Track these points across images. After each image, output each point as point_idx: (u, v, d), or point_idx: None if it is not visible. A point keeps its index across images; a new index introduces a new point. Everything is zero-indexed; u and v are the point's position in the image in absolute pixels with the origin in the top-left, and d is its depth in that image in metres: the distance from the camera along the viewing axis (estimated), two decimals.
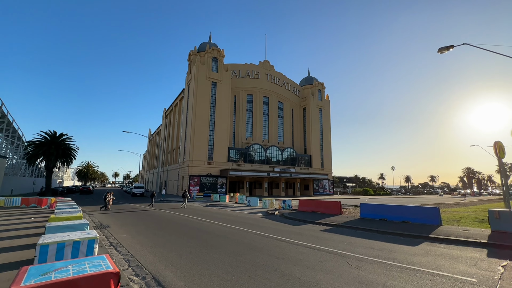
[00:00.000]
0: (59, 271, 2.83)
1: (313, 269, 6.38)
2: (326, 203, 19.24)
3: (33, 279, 2.62)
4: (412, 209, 14.15)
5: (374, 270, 6.31)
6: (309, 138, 65.08)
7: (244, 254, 7.80)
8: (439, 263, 6.89)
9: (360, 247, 8.91)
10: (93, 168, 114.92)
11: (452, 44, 12.53)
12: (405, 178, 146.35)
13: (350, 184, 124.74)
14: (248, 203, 28.06)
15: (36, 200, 23.65)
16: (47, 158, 44.57)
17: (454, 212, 19.42)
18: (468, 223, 13.52)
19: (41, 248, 4.41)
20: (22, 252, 7.62)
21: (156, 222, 14.79)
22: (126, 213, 19.48)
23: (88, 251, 4.92)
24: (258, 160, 55.03)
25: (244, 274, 5.96)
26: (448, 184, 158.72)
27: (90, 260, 3.28)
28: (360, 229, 12.54)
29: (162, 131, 77.99)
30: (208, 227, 13.10)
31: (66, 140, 48.44)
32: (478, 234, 10.26)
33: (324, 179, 62.77)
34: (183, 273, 6.00)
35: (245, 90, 58.84)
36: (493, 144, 9.66)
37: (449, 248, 8.70)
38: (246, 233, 11.34)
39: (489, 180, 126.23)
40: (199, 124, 47.94)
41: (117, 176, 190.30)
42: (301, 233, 11.67)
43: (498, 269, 6.43)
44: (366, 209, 16.07)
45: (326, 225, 13.90)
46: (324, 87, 70.85)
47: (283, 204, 22.78)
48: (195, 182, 44.67)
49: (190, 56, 54.82)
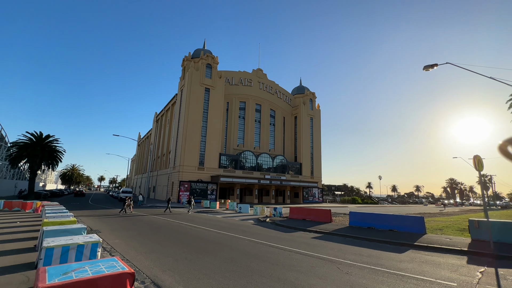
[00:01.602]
0: (78, 271, 3.01)
1: (307, 274, 6.68)
2: (316, 211, 19.64)
3: (56, 278, 2.79)
4: (398, 218, 14.73)
5: (363, 276, 6.67)
6: (300, 146, 66.00)
7: (239, 259, 8.00)
8: (423, 269, 7.33)
9: (350, 253, 9.28)
10: (78, 171, 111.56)
11: (436, 62, 13.47)
12: (392, 188, 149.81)
13: (339, 192, 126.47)
14: (239, 210, 28.11)
15: (20, 203, 22.88)
16: (32, 160, 43.18)
17: (437, 221, 20.23)
18: (451, 232, 14.20)
19: (46, 251, 4.52)
20: (16, 257, 7.53)
21: (148, 227, 14.71)
22: (115, 218, 19.19)
23: (91, 255, 5.04)
24: (249, 167, 55.22)
25: (241, 279, 6.18)
26: (433, 194, 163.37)
27: (103, 262, 3.46)
28: (350, 236, 12.95)
29: (153, 135, 77.10)
30: (201, 233, 13.18)
31: (53, 142, 47.15)
32: (459, 243, 10.86)
33: (314, 187, 63.49)
34: (181, 278, 6.15)
35: (238, 97, 59.40)
36: (473, 157, 10.36)
37: (432, 255, 9.20)
38: (239, 240, 11.52)
39: (471, 191, 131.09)
40: (191, 130, 47.86)
41: (103, 180, 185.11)
42: (293, 240, 11.95)
43: (476, 274, 6.93)
44: (355, 217, 16.56)
45: (317, 233, 14.24)
46: (315, 97, 72.41)
47: (274, 211, 23.03)
48: (185, 188, 44.27)
49: (184, 62, 55.05)
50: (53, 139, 47.18)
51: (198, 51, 54.37)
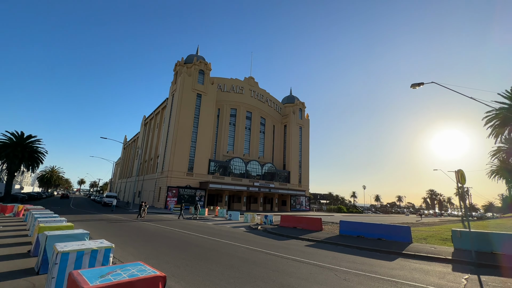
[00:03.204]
0: (113, 274, 3.16)
1: (307, 280, 6.97)
2: (307, 219, 20.04)
3: (96, 280, 2.94)
4: (386, 228, 15.37)
5: (360, 282, 7.05)
6: (289, 155, 66.87)
7: (239, 266, 8.18)
8: (414, 276, 7.82)
9: (344, 261, 9.67)
10: (57, 173, 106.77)
11: (423, 81, 14.48)
12: (375, 197, 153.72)
13: (324, 201, 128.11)
14: (229, 217, 28.05)
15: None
16: (11, 161, 41.21)
17: (421, 231, 21.15)
18: (434, 241, 14.98)
19: (62, 256, 4.56)
20: (12, 262, 7.34)
21: (140, 234, 14.51)
22: (104, 223, 18.70)
23: (104, 260, 5.10)
24: (238, 174, 55.21)
25: (246, 285, 6.38)
26: (413, 204, 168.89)
27: (132, 266, 3.61)
28: (341, 245, 13.39)
29: (140, 139, 75.58)
30: (196, 240, 13.18)
31: (34, 142, 45.37)
32: (444, 251, 11.54)
33: (301, 195, 64.21)
34: (187, 284, 6.27)
35: (229, 104, 59.75)
36: (455, 172, 11.15)
37: (420, 263, 9.76)
38: (235, 247, 11.65)
39: (449, 202, 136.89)
40: (181, 135, 47.49)
41: (83, 184, 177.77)
42: (287, 247, 12.22)
43: (461, 281, 7.49)
44: (345, 226, 17.08)
45: (309, 241, 14.59)
46: (304, 106, 74.03)
47: (265, 219, 23.22)
48: (173, 194, 43.57)
49: (176, 67, 54.96)
50: (35, 139, 45.43)
51: (191, 57, 54.54)
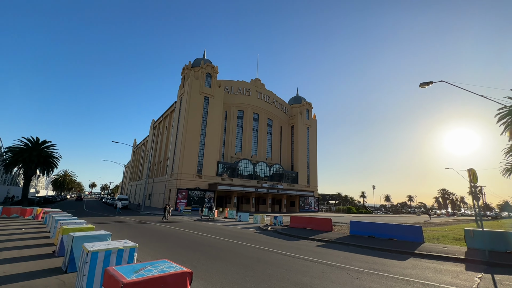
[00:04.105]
0: (145, 270, 3.45)
1: (321, 279, 7.15)
2: (317, 220, 20.12)
3: (131, 275, 3.24)
4: (398, 228, 15.33)
5: (373, 280, 7.19)
6: (296, 155, 66.81)
7: (253, 266, 8.42)
8: (426, 275, 7.89)
9: (356, 261, 9.78)
10: (70, 177, 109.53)
11: (431, 80, 14.44)
12: (385, 197, 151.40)
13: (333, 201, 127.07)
14: (239, 219, 28.33)
15: (19, 210, 22.67)
16: (27, 165, 42.64)
17: (433, 231, 20.92)
18: (447, 241, 14.86)
19: (92, 255, 4.91)
20: (39, 262, 7.79)
21: (154, 235, 14.93)
22: (118, 225, 19.25)
23: (129, 259, 5.43)
24: (246, 175, 55.54)
25: (261, 283, 6.61)
26: (425, 204, 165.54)
27: (159, 263, 3.90)
28: (352, 245, 13.46)
29: (149, 142, 76.88)
30: (208, 240, 13.49)
31: (49, 147, 46.76)
32: (456, 251, 11.49)
33: (310, 196, 64.00)
34: (206, 282, 6.55)
35: (236, 106, 60.25)
36: (467, 170, 11.11)
37: (433, 263, 9.78)
38: (247, 247, 11.90)
39: (462, 201, 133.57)
40: (190, 137, 48.18)
41: (94, 187, 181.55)
42: (298, 248, 12.39)
43: (475, 280, 7.52)
44: (355, 226, 17.10)
45: (320, 241, 14.71)
46: (311, 107, 73.89)
47: (275, 220, 23.39)
48: (183, 196, 44.19)
49: (184, 71, 55.84)
50: (49, 144, 46.82)
51: (198, 61, 55.33)
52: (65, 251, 8.20)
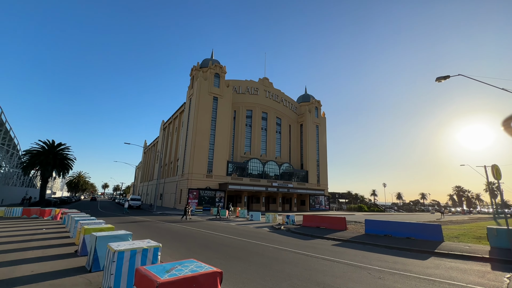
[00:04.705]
0: (176, 270, 3.46)
1: (342, 278, 7.04)
2: (330, 218, 19.90)
3: (163, 275, 3.25)
4: (415, 226, 14.97)
5: (396, 280, 7.02)
6: (306, 154, 66.34)
7: (271, 265, 8.37)
8: (451, 275, 7.65)
9: (375, 260, 9.60)
10: (84, 178, 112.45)
11: (449, 74, 14.02)
12: (397, 195, 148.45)
13: (343, 200, 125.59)
14: (250, 218, 28.36)
15: (38, 211, 23.41)
16: (44, 168, 43.97)
17: (451, 229, 20.34)
18: (467, 239, 14.41)
19: (118, 254, 4.98)
20: (63, 261, 7.98)
21: (169, 234, 15.10)
22: (133, 225, 19.60)
23: (154, 258, 5.49)
24: (256, 175, 55.55)
25: (282, 282, 6.56)
26: (438, 202, 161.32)
27: (188, 262, 3.91)
28: (369, 244, 13.22)
29: (160, 143, 77.95)
30: (224, 240, 13.54)
31: (64, 150, 48.04)
32: (479, 250, 11.11)
33: (320, 194, 63.45)
34: (226, 281, 6.54)
35: (245, 105, 60.31)
36: (491, 167, 10.71)
37: (456, 262, 9.48)
38: (263, 246, 11.87)
39: (478, 199, 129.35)
40: (199, 138, 48.57)
41: (107, 188, 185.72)
42: (314, 247, 12.27)
43: (504, 280, 7.24)
44: (371, 225, 16.82)
45: (335, 240, 14.53)
46: (320, 105, 73.15)
47: (287, 219, 23.28)
48: (194, 196, 44.61)
49: (192, 71, 56.28)
50: (64, 147, 48.09)
51: (206, 61, 55.64)
52: (87, 250, 8.38)
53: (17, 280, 6.11)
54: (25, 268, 7.06)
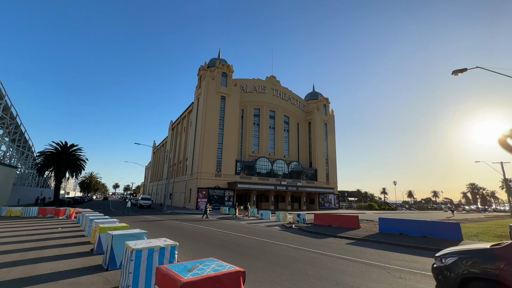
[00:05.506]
0: (198, 269, 3.37)
1: (362, 278, 6.84)
2: (342, 217, 19.59)
3: (186, 274, 3.16)
4: (432, 224, 14.55)
5: (418, 280, 6.77)
6: (315, 152, 65.75)
7: (287, 264, 8.23)
8: None
9: (393, 259, 9.32)
10: (96, 179, 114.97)
11: (466, 67, 13.49)
12: (408, 193, 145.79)
13: (352, 198, 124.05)
14: (260, 216, 28.28)
15: (53, 210, 23.97)
16: (58, 168, 45.06)
17: (468, 227, 19.69)
18: (488, 238, 13.88)
19: (136, 253, 4.94)
20: (80, 260, 8.06)
21: (182, 233, 15.15)
22: (145, 224, 19.79)
23: (171, 257, 5.43)
24: (265, 173, 55.44)
25: (300, 282, 6.41)
26: (451, 200, 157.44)
27: (208, 261, 3.83)
28: (384, 242, 12.90)
29: (168, 143, 78.78)
30: (236, 238, 13.48)
31: (76, 151, 49.08)
32: None
33: (329, 193, 62.81)
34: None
35: (253, 104, 60.20)
36: None
37: None
38: (276, 245, 11.74)
39: (493, 196, 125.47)
40: (208, 137, 48.78)
41: (117, 188, 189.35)
42: (328, 246, 12.05)
43: None
44: (385, 223, 16.44)
45: (349, 239, 14.25)
46: (328, 102, 72.32)
47: (298, 217, 23.08)
48: (203, 195, 44.87)
49: (200, 71, 56.52)
50: (76, 148, 49.14)
51: (213, 60, 55.77)
52: (103, 249, 8.45)
53: (37, 278, 6.18)
54: (44, 267, 7.15)
